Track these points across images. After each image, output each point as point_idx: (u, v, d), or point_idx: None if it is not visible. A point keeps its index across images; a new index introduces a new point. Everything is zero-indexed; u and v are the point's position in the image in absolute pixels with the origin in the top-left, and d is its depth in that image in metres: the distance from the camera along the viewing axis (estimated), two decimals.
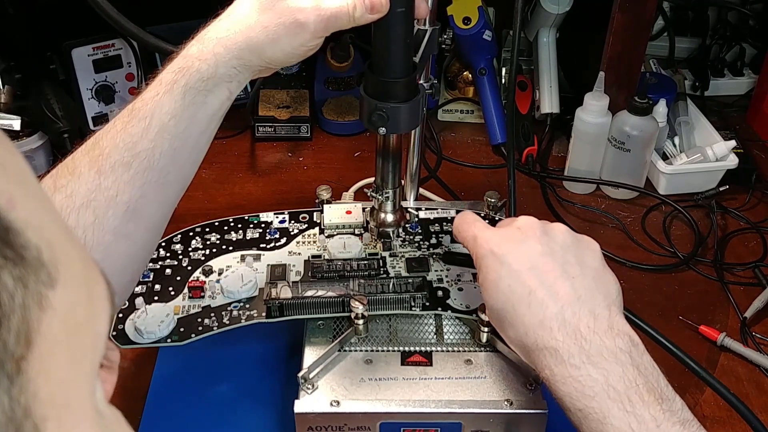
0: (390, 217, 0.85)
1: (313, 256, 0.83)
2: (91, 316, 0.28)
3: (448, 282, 0.79)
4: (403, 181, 0.86)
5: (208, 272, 0.81)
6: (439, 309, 0.76)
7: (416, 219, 0.89)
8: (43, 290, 0.25)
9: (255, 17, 0.61)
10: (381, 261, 0.81)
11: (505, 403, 0.69)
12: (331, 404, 0.68)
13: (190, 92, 0.59)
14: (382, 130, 0.71)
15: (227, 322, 0.75)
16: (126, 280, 0.61)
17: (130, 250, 0.59)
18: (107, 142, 0.57)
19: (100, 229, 0.55)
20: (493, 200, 0.90)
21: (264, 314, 0.75)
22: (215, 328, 0.74)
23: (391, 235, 0.85)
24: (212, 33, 0.62)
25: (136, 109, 0.59)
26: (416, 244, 0.85)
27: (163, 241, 0.84)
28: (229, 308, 0.76)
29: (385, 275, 0.80)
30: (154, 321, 0.73)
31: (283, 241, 0.85)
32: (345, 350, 0.74)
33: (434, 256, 0.82)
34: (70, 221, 0.54)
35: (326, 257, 0.82)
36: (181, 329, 0.74)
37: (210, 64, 0.60)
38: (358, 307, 0.73)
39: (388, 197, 0.83)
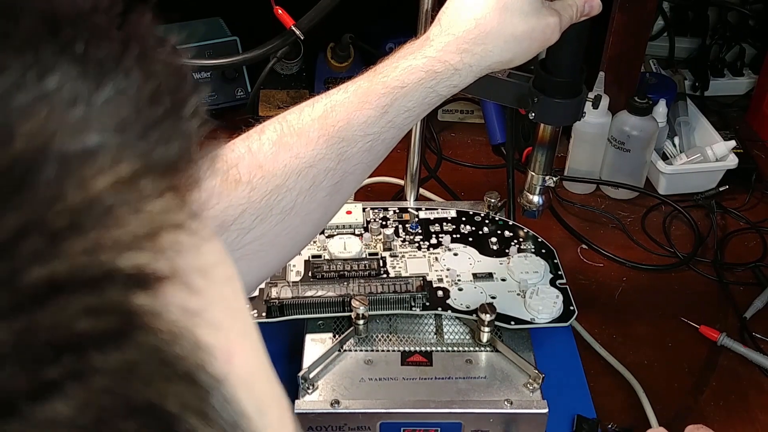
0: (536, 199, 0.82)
1: (313, 256, 0.82)
2: None
3: (448, 282, 0.79)
4: None
5: None
6: (439, 309, 0.76)
7: (416, 219, 0.89)
8: None
9: (507, 34, 0.61)
10: (381, 261, 0.81)
11: (505, 403, 0.69)
12: (331, 404, 0.68)
13: (430, 95, 0.60)
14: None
15: None
16: (304, 244, 0.62)
17: (321, 220, 0.60)
18: (341, 115, 0.57)
19: (311, 197, 0.55)
20: (493, 200, 0.90)
21: (264, 314, 0.75)
22: None
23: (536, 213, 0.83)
24: (468, 44, 0.61)
25: (375, 92, 0.58)
26: (416, 244, 0.85)
27: None
28: None
29: (385, 275, 0.80)
30: None
31: None
32: (345, 350, 0.74)
33: None
34: (288, 182, 0.54)
35: (326, 257, 0.82)
36: None
37: (463, 76, 0.61)
38: (359, 307, 0.73)
39: (556, 181, 0.82)
